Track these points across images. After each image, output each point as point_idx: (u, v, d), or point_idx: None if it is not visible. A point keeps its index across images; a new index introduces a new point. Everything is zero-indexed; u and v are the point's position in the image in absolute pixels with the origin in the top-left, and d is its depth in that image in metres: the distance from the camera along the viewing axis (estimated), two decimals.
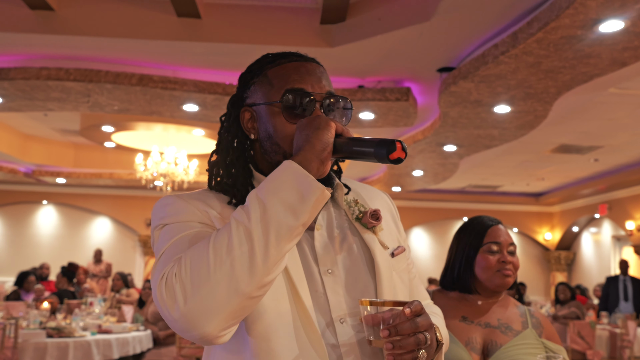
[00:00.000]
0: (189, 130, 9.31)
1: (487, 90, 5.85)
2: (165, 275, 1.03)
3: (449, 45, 5.55)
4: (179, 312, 1.00)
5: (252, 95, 1.26)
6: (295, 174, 1.04)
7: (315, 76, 1.23)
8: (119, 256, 13.97)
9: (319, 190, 1.04)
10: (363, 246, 1.26)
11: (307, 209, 1.03)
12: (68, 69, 6.26)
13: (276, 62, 1.26)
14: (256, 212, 1.02)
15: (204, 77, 6.54)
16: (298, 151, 1.09)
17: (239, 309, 1.02)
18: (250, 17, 5.60)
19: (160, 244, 1.14)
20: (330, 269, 1.20)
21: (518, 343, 1.91)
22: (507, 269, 1.98)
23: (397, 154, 1.05)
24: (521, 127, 7.17)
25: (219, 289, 0.99)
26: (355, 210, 1.29)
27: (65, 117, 9.19)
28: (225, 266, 0.99)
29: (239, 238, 1.00)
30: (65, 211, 14.39)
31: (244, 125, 1.26)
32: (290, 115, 1.19)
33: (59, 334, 5.17)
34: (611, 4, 3.95)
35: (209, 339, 1.03)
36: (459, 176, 11.42)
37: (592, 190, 12.44)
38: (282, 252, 1.02)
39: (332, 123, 1.11)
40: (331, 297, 1.18)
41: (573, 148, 9.37)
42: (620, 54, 4.83)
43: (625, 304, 9.61)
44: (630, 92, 6.53)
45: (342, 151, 1.10)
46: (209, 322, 1.00)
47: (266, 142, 1.23)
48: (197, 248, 1.03)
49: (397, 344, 1.06)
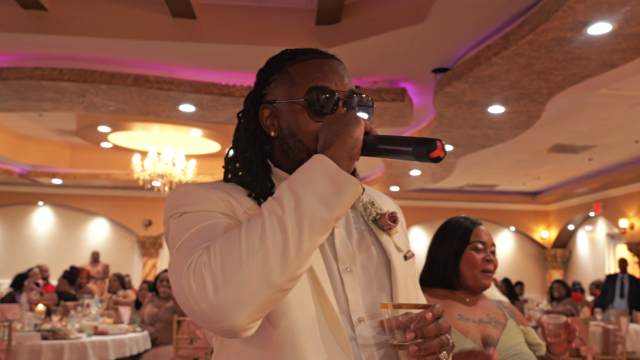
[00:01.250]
0: (186, 130, 9.32)
1: (481, 91, 5.89)
2: (192, 264, 1.00)
3: (442, 46, 5.59)
4: (208, 303, 0.97)
5: (272, 92, 1.25)
6: (328, 168, 1.03)
7: (338, 74, 1.22)
8: (116, 257, 13.94)
9: (353, 185, 1.03)
10: (379, 247, 1.26)
11: (341, 202, 1.02)
12: (62, 69, 6.24)
13: (297, 59, 1.24)
14: (290, 203, 1.00)
15: (200, 78, 6.55)
16: (328, 146, 1.07)
17: (269, 301, 1.00)
18: (246, 18, 5.62)
19: (177, 233, 1.10)
20: (349, 267, 1.20)
21: (509, 334, 2.03)
22: (489, 270, 2.07)
23: (437, 152, 1.05)
24: (516, 127, 7.21)
25: (251, 279, 0.97)
26: (372, 211, 1.29)
27: (61, 118, 9.18)
28: (258, 256, 0.97)
29: (272, 228, 0.98)
30: (62, 212, 14.34)
31: (263, 122, 1.25)
32: (314, 113, 1.19)
33: (54, 336, 5.13)
34: (599, 7, 4.00)
35: (237, 331, 1.00)
36: (456, 175, 11.46)
37: (586, 189, 12.51)
38: (314, 245, 1.01)
39: (362, 120, 1.11)
40: (350, 296, 1.17)
41: (567, 148, 9.42)
42: (609, 56, 4.88)
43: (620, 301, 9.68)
44: (621, 93, 6.58)
45: (370, 149, 1.11)
46: (239, 313, 0.97)
47: (289, 140, 1.22)
48: (228, 237, 1.01)
49: (422, 346, 1.07)
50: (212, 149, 10.68)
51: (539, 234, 15.36)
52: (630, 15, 4.13)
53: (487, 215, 15.06)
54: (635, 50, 4.77)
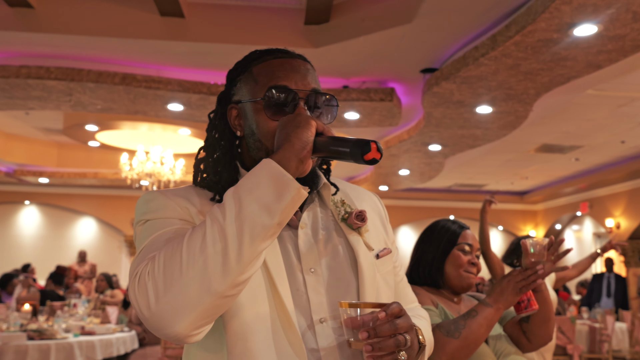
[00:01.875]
0: (174, 129, 9.28)
1: (469, 91, 5.92)
2: (138, 273, 1.02)
3: (431, 46, 5.61)
4: (150, 311, 0.99)
5: (238, 92, 1.25)
6: (272, 173, 1.02)
7: (300, 73, 1.21)
8: (104, 257, 13.85)
9: (294, 190, 1.02)
10: (347, 247, 1.25)
11: (283, 208, 1.01)
12: (49, 67, 6.20)
13: (261, 59, 1.24)
14: (231, 211, 1.00)
15: (189, 77, 6.53)
16: (278, 150, 1.07)
17: (211, 308, 1.00)
18: (234, 17, 5.61)
19: (140, 241, 1.13)
20: (313, 268, 1.19)
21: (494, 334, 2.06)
22: (472, 272, 2.10)
23: (372, 154, 1.04)
24: (503, 127, 7.25)
25: (191, 287, 0.98)
26: (341, 210, 1.28)
27: (48, 116, 9.10)
28: (198, 265, 0.98)
29: (212, 237, 0.99)
30: (49, 211, 14.23)
31: (231, 122, 1.26)
32: (272, 112, 1.18)
33: (40, 336, 5.08)
34: (584, 9, 4.04)
35: (180, 338, 1.02)
36: (444, 175, 11.50)
37: (573, 189, 12.61)
38: (256, 252, 1.01)
39: (312, 121, 1.09)
40: (312, 296, 1.17)
41: (555, 148, 9.48)
42: (595, 57, 4.93)
43: (606, 300, 9.77)
44: (607, 94, 6.64)
45: (322, 150, 1.09)
46: (180, 321, 0.99)
47: (250, 139, 1.23)
48: (171, 246, 1.02)
49: (377, 345, 1.05)
50: None
51: (527, 233, 15.46)
52: (615, 17, 4.17)
53: (475, 215, 15.03)
54: (621, 51, 4.81)
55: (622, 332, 8.13)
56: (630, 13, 4.12)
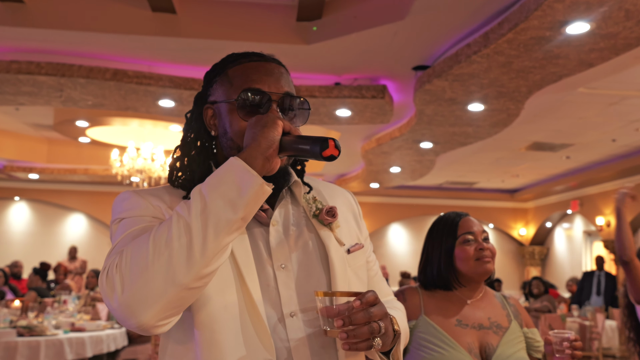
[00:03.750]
0: (165, 125, 9.25)
1: (461, 89, 5.93)
2: (107, 267, 1.07)
3: (423, 44, 5.61)
4: (117, 302, 1.03)
5: (214, 93, 1.29)
6: (237, 170, 1.07)
7: (274, 76, 1.25)
8: (94, 253, 13.78)
9: (257, 185, 1.06)
10: (318, 243, 1.28)
11: (246, 203, 1.05)
12: (39, 62, 6.15)
13: (237, 62, 1.28)
14: (197, 206, 1.04)
15: (180, 73, 6.50)
16: (245, 148, 1.11)
17: (176, 300, 1.04)
18: (226, 13, 5.58)
19: (115, 238, 1.17)
20: (283, 264, 1.22)
21: (509, 340, 1.95)
22: (485, 256, 2.00)
23: (329, 151, 1.07)
24: (495, 125, 7.27)
25: (156, 279, 1.02)
26: (313, 207, 1.32)
27: (38, 112, 9.04)
28: (163, 257, 1.02)
29: (178, 231, 1.03)
30: (39, 207, 14.16)
31: (207, 122, 1.29)
32: (245, 113, 1.21)
33: (30, 332, 5.07)
34: (577, 7, 4.04)
35: (146, 328, 1.06)
36: (435, 173, 11.52)
37: (564, 187, 12.66)
38: (220, 245, 1.05)
39: (279, 121, 1.12)
40: (283, 291, 1.20)
41: (546, 146, 9.52)
42: (587, 55, 4.94)
43: (597, 298, 9.82)
44: (598, 92, 6.66)
45: (287, 149, 1.12)
46: (145, 311, 1.03)
47: (223, 138, 1.26)
48: (139, 241, 1.07)
49: (352, 333, 1.08)
50: None
51: (517, 231, 15.52)
52: (607, 15, 4.18)
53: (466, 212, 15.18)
54: (613, 49, 4.83)
55: (612, 330, 8.17)
56: (622, 11, 4.13)
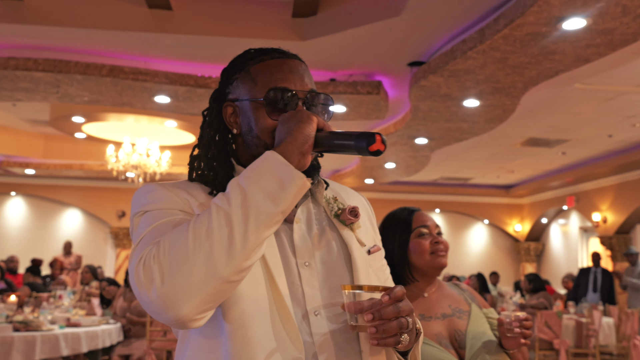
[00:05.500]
0: (161, 121, 9.24)
1: (457, 85, 5.93)
2: (143, 257, 1.04)
3: (418, 40, 5.61)
4: (156, 294, 1.00)
5: (234, 91, 1.28)
6: (276, 163, 1.06)
7: (298, 74, 1.25)
8: (89, 248, 13.80)
9: (299, 180, 1.06)
10: (341, 242, 1.28)
11: (287, 196, 1.05)
12: (37, 59, 6.16)
13: (258, 59, 1.27)
14: (237, 198, 1.03)
15: (176, 69, 6.50)
16: (280, 143, 1.10)
17: (215, 293, 1.02)
18: (222, 10, 5.58)
19: (139, 230, 1.14)
20: (307, 262, 1.22)
21: (475, 321, 1.96)
22: (440, 250, 2.00)
23: (376, 146, 1.08)
24: (490, 120, 7.28)
25: (197, 271, 1.00)
26: (334, 207, 1.32)
27: (35, 107, 9.04)
28: (204, 249, 1.00)
29: (218, 222, 1.02)
30: (35, 203, 14.14)
31: (227, 119, 1.28)
32: (272, 111, 1.21)
33: (26, 327, 5.06)
34: (573, 2, 4.05)
35: (183, 322, 1.03)
36: (430, 168, 11.54)
37: (560, 183, 12.68)
38: (260, 238, 1.04)
39: (314, 117, 1.13)
40: (307, 289, 1.19)
41: (541, 141, 9.53)
42: (583, 51, 4.95)
43: (593, 295, 9.84)
44: (594, 88, 6.68)
45: (323, 145, 1.13)
46: (185, 304, 1.00)
47: (248, 136, 1.25)
48: (177, 231, 1.05)
49: (381, 327, 1.08)
50: (187, 141, 10.60)
51: (513, 227, 15.55)
52: (604, 10, 4.19)
53: (461, 208, 15.22)
54: (609, 45, 4.84)
55: (609, 327, 8.18)
56: (619, 7, 4.13)
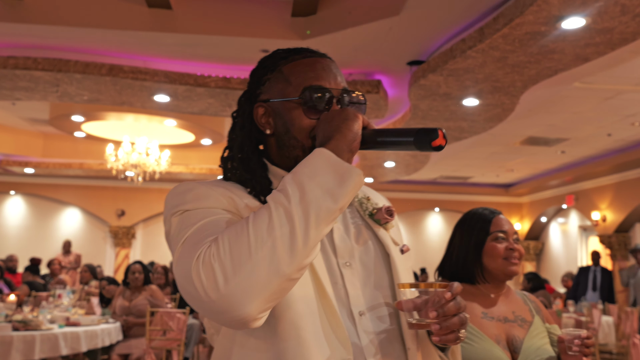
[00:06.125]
0: (160, 120, 9.24)
1: (456, 84, 5.93)
2: (201, 255, 1.00)
3: (418, 39, 5.61)
4: (219, 293, 0.97)
5: (266, 91, 1.27)
6: (331, 160, 1.05)
7: (332, 72, 1.25)
8: (89, 247, 13.78)
9: (357, 176, 1.05)
10: (377, 241, 1.28)
11: (346, 192, 1.04)
12: (36, 58, 6.16)
13: (290, 58, 1.27)
14: (295, 195, 1.01)
15: (175, 68, 6.50)
16: (328, 140, 1.10)
17: (278, 291, 1.00)
18: (221, 9, 5.58)
19: (180, 230, 1.10)
20: (348, 262, 1.22)
21: (535, 334, 1.96)
22: (514, 257, 2.01)
23: (439, 141, 1.07)
24: (490, 119, 7.28)
25: (261, 268, 0.97)
26: (368, 206, 1.32)
27: (34, 106, 9.04)
28: (267, 246, 0.98)
29: (279, 219, 1.00)
30: (34, 202, 14.12)
31: (258, 120, 1.26)
32: (309, 111, 1.21)
33: (25, 327, 5.05)
34: (572, 2, 4.05)
35: (247, 321, 1.00)
36: (430, 167, 11.54)
37: (559, 182, 12.68)
38: (320, 235, 1.02)
39: (360, 115, 1.14)
40: (350, 290, 1.19)
41: (541, 140, 9.53)
42: (582, 50, 4.95)
43: (592, 294, 9.85)
44: (593, 87, 6.68)
45: (369, 142, 1.14)
46: (250, 302, 0.98)
47: (284, 137, 1.24)
48: (235, 228, 1.02)
49: (443, 324, 1.09)
50: (187, 140, 10.61)
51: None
52: (603, 10, 4.19)
53: (460, 207, 15.20)
54: (608, 44, 4.83)
55: (609, 325, 8.18)
56: (618, 6, 4.13)
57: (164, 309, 6.16)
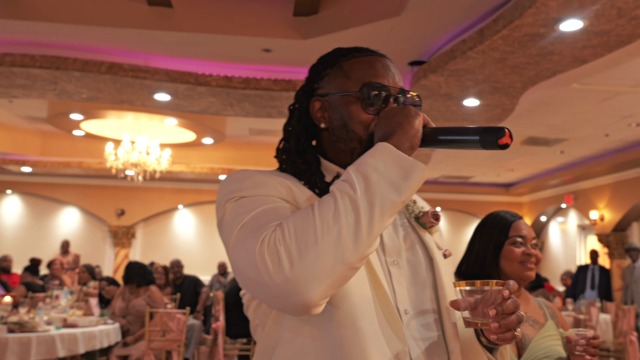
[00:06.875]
0: (161, 119, 9.21)
1: (457, 84, 5.94)
2: (266, 239, 1.00)
3: (419, 39, 5.62)
4: (284, 277, 0.97)
5: (325, 86, 1.28)
6: (394, 154, 1.06)
7: (391, 72, 1.26)
8: (88, 247, 13.70)
9: (421, 170, 1.06)
10: (422, 244, 1.29)
11: (409, 185, 1.04)
12: (34, 55, 6.12)
13: (350, 55, 1.28)
14: (361, 185, 1.02)
15: (176, 67, 6.49)
16: (391, 135, 1.11)
17: (341, 278, 1.01)
18: (223, 7, 5.57)
19: (237, 216, 1.10)
20: (396, 260, 1.22)
21: (545, 335, 2.00)
22: (530, 262, 2.04)
23: (505, 139, 1.07)
24: (490, 119, 7.29)
25: (326, 255, 0.98)
26: (414, 209, 1.33)
27: (32, 104, 8.99)
28: (333, 233, 0.99)
29: (345, 207, 1.00)
30: (31, 201, 14.03)
31: (314, 114, 1.28)
32: (367, 105, 1.22)
33: (21, 329, 4.94)
34: (570, 4, 4.07)
35: (309, 306, 1.00)
36: (432, 167, 11.55)
37: (558, 181, 12.71)
38: (384, 226, 1.03)
39: (421, 113, 1.15)
40: (397, 288, 1.19)
41: (540, 140, 9.55)
42: (580, 52, 4.97)
43: (591, 292, 9.88)
44: (592, 88, 6.69)
45: (429, 140, 1.14)
46: (314, 288, 0.98)
47: (341, 130, 1.24)
48: (301, 214, 1.02)
49: (503, 322, 1.08)
50: (188, 138, 10.59)
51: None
52: (600, 12, 4.21)
53: (462, 207, 15.23)
54: (605, 46, 4.85)
55: (606, 323, 8.22)
56: (615, 9, 4.16)
57: (164, 309, 6.14)
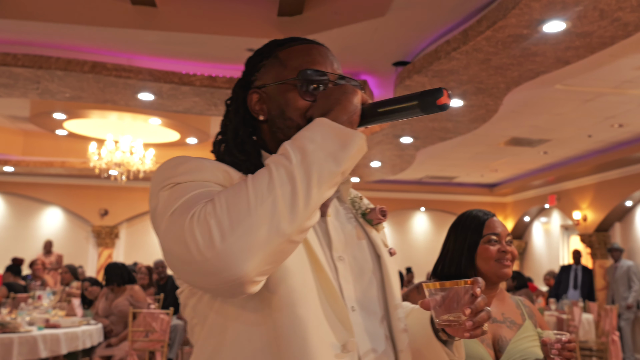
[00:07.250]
0: (145, 119, 9.17)
1: (441, 85, 5.96)
2: (195, 214, 0.95)
3: (403, 40, 5.64)
4: (215, 250, 0.91)
5: (261, 77, 1.25)
6: (332, 126, 1.02)
7: (328, 59, 1.24)
8: (71, 247, 13.58)
9: (360, 139, 1.02)
10: (368, 241, 1.28)
11: (348, 156, 1.01)
12: (16, 54, 6.06)
13: (286, 45, 1.25)
14: (297, 156, 0.98)
15: (160, 66, 6.45)
16: (329, 112, 1.07)
17: (278, 252, 0.96)
18: (207, 7, 5.55)
19: (170, 202, 1.02)
20: (341, 256, 1.20)
21: (523, 336, 1.98)
22: (506, 259, 2.03)
23: (444, 99, 1.03)
24: (474, 120, 7.33)
25: (260, 225, 0.93)
26: (361, 205, 1.31)
27: (14, 103, 8.90)
28: (267, 203, 0.94)
29: (280, 178, 0.96)
30: (13, 201, 13.87)
31: (252, 107, 1.24)
32: (305, 92, 1.18)
33: (3, 329, 4.91)
34: (553, 6, 4.11)
35: (242, 282, 0.94)
36: (416, 167, 11.59)
37: (542, 182, 12.81)
38: (322, 198, 0.99)
39: (359, 90, 1.11)
40: (343, 284, 1.17)
41: (524, 141, 9.62)
42: (563, 53, 5.02)
43: (573, 292, 9.98)
44: (574, 89, 6.76)
45: (370, 115, 1.09)
46: (248, 260, 0.92)
47: (279, 119, 1.20)
48: (233, 188, 0.98)
49: (475, 319, 1.08)
50: (172, 138, 10.55)
51: None
52: (583, 14, 4.25)
53: (446, 207, 15.30)
54: (588, 48, 4.90)
55: (589, 323, 8.30)
56: (597, 11, 4.20)
57: (147, 310, 6.10)
